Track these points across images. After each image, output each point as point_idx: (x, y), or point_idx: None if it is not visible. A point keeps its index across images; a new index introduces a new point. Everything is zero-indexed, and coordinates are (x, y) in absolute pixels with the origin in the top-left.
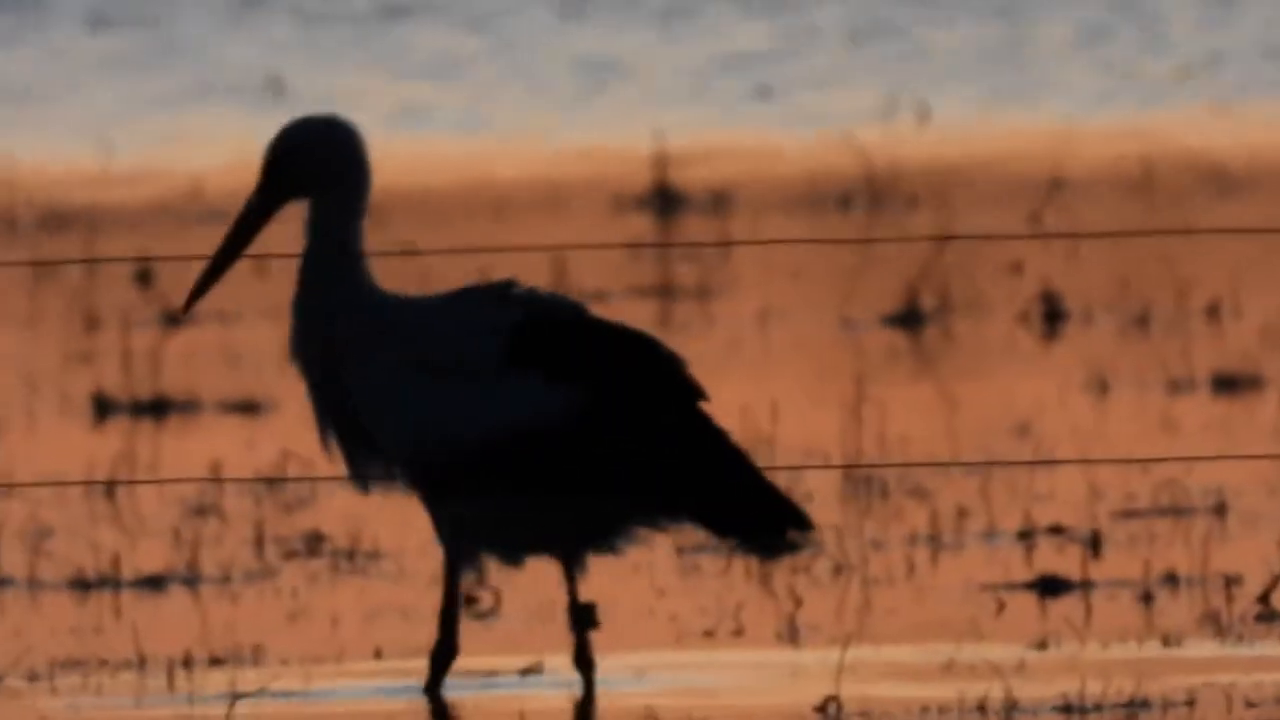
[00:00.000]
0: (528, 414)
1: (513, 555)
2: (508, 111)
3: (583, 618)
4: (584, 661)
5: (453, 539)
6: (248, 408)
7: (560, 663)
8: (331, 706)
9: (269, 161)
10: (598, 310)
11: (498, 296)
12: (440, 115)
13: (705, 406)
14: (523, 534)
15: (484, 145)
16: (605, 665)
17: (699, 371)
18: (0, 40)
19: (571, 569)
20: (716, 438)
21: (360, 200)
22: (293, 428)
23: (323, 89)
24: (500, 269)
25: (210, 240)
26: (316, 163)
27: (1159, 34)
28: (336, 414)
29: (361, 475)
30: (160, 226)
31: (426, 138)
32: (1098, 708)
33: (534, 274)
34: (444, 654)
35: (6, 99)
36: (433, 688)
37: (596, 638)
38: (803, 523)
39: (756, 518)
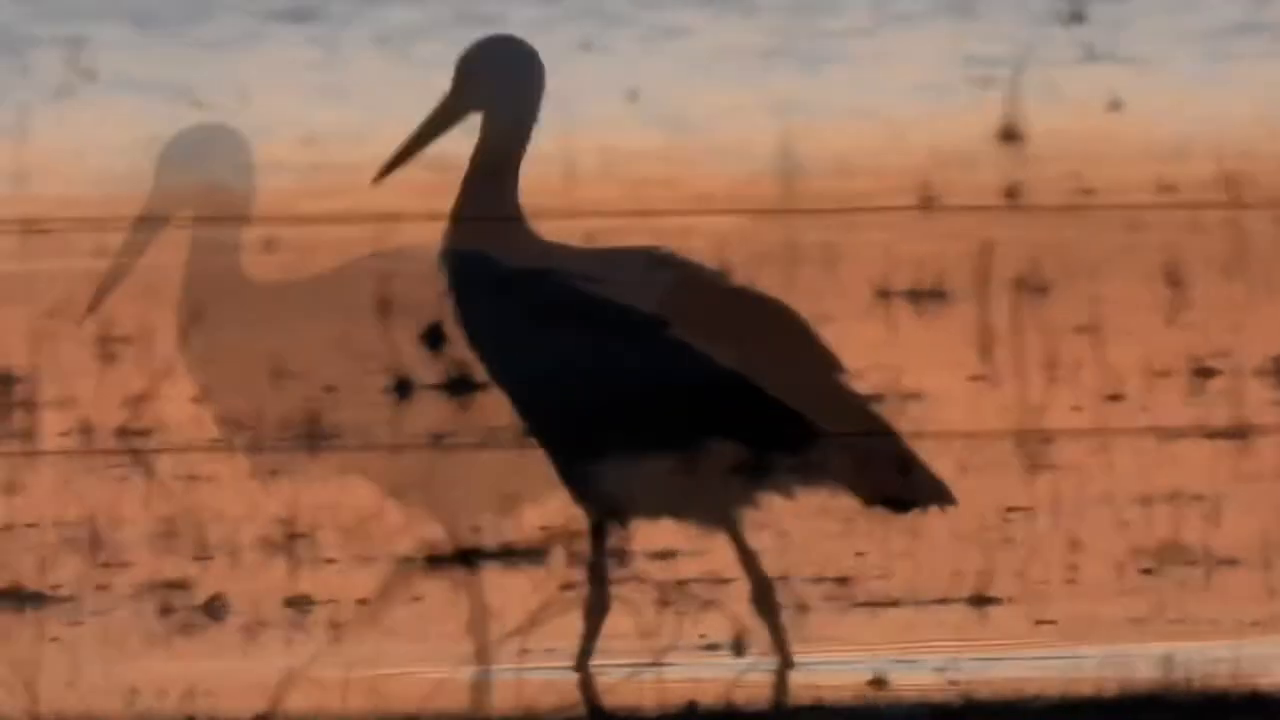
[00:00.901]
0: (684, 373)
1: (656, 514)
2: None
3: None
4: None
5: (597, 497)
6: None
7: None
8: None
9: (457, 73)
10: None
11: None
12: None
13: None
14: (665, 489)
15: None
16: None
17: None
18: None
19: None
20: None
21: (530, 115)
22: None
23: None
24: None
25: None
26: (494, 77)
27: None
28: None
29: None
30: (278, 195)
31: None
32: (1217, 674)
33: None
34: (597, 609)
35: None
36: (587, 644)
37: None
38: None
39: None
